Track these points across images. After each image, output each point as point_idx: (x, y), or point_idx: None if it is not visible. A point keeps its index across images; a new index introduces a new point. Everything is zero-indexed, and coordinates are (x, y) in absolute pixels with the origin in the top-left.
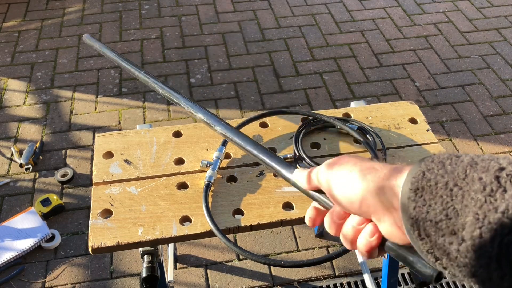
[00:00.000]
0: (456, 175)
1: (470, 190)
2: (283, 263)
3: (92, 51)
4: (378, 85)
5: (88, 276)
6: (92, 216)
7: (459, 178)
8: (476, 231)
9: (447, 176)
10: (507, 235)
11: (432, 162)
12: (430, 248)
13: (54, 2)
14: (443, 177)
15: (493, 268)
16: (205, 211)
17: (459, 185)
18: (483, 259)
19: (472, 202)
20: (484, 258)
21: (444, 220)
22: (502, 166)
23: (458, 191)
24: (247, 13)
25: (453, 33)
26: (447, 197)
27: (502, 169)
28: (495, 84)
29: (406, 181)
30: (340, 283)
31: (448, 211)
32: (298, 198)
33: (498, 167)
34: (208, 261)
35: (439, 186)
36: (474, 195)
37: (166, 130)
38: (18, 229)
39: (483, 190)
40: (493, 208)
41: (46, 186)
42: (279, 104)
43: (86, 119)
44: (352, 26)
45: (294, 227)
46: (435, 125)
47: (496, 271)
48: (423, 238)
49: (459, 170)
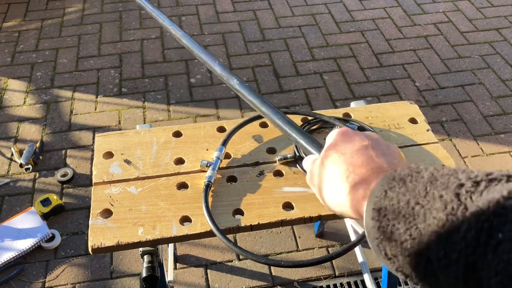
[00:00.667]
0: (417, 193)
1: (432, 209)
2: (283, 263)
3: (92, 51)
4: (378, 85)
5: (88, 276)
6: (92, 216)
7: (419, 196)
8: (441, 251)
9: (408, 194)
10: (471, 255)
11: (393, 180)
12: (399, 267)
13: (54, 2)
14: (405, 195)
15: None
16: (205, 211)
17: (420, 203)
18: (451, 279)
19: (434, 221)
20: (451, 278)
21: (409, 240)
22: (461, 182)
23: (420, 209)
24: (247, 13)
25: (453, 33)
26: (410, 216)
27: (462, 185)
28: (495, 84)
29: (370, 200)
30: (340, 283)
31: (412, 231)
32: (298, 198)
33: (457, 183)
34: (208, 261)
35: (401, 206)
36: (436, 214)
37: (166, 130)
38: (18, 229)
39: (444, 208)
40: (455, 228)
41: (46, 186)
42: (279, 104)
43: (86, 119)
44: (352, 26)
45: (294, 227)
46: (435, 125)
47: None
48: (390, 258)
49: (419, 187)
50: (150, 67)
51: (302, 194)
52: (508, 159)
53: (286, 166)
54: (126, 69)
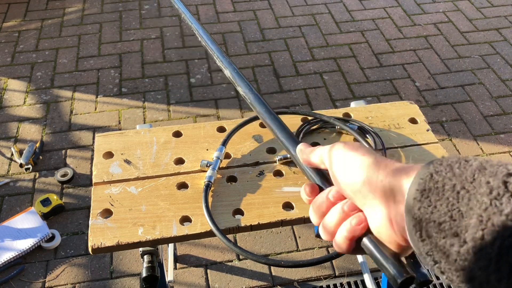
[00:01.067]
0: (464, 179)
1: (477, 193)
2: (283, 263)
3: (92, 51)
4: (378, 85)
5: (88, 276)
6: (92, 216)
7: (466, 181)
8: (479, 232)
9: (455, 179)
10: (508, 237)
11: (440, 165)
12: (430, 250)
13: (54, 2)
14: (451, 180)
15: (492, 270)
16: (205, 211)
17: (466, 188)
18: (482, 261)
19: (477, 204)
20: (483, 260)
21: (448, 222)
22: (511, 172)
23: (465, 193)
24: (247, 13)
25: (453, 33)
26: (453, 199)
27: (510, 174)
28: (495, 84)
29: (414, 181)
30: (340, 283)
31: (453, 213)
32: (298, 198)
33: (506, 173)
34: (208, 261)
35: (446, 188)
36: (480, 198)
37: (166, 130)
38: (18, 229)
39: (489, 193)
40: (498, 211)
41: (46, 186)
42: (279, 104)
43: (86, 119)
44: (352, 26)
45: (294, 227)
46: (435, 125)
47: (494, 274)
48: (424, 239)
49: (467, 173)
50: (150, 67)
51: None
52: (508, 159)
53: (286, 166)
54: (126, 69)
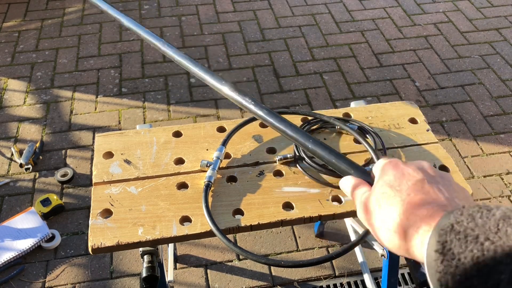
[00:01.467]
0: (488, 229)
1: (505, 245)
2: (283, 263)
3: (92, 51)
4: (378, 85)
5: (88, 276)
6: (92, 216)
7: (490, 232)
8: None
9: (477, 229)
10: None
11: (461, 215)
12: None
13: (54, 2)
14: (473, 231)
15: None
16: (205, 211)
17: (490, 239)
18: None
19: (508, 259)
20: None
21: (475, 277)
22: None
23: (490, 245)
24: (247, 13)
25: (453, 33)
26: (478, 252)
27: None
28: (495, 84)
29: (434, 233)
30: (340, 283)
31: (480, 267)
32: (298, 198)
33: None
34: (208, 261)
35: (469, 240)
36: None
37: (166, 130)
38: (18, 229)
39: None
40: None
41: (46, 186)
42: (279, 104)
43: (86, 119)
44: (352, 26)
45: (294, 227)
46: (435, 125)
47: None
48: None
49: (490, 223)
50: (150, 67)
51: (302, 194)
52: (508, 159)
53: (286, 166)
54: (126, 69)
